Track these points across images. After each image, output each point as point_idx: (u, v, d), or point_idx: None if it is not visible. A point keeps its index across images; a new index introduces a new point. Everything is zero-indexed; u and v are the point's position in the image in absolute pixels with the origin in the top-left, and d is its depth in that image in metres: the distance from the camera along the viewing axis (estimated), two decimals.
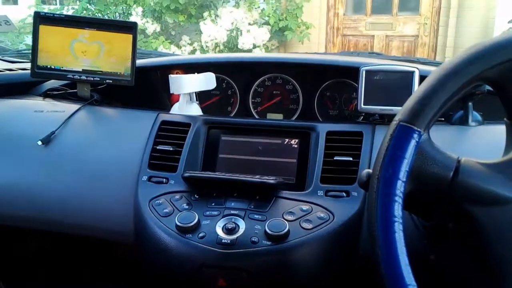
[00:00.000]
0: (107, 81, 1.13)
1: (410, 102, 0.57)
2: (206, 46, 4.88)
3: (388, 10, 5.40)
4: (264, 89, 1.29)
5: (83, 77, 1.13)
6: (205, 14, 4.89)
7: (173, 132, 0.98)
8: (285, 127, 1.01)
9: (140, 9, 4.94)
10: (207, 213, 0.83)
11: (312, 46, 5.35)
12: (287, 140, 0.97)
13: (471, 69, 0.55)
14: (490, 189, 0.56)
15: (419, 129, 0.55)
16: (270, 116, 1.28)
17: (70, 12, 5.15)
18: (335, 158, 0.90)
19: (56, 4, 6.32)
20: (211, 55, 1.94)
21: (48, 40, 1.13)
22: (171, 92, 1.08)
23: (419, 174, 0.57)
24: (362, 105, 1.00)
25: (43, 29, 1.12)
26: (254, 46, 4.88)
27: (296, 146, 0.96)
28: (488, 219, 0.55)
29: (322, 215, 0.82)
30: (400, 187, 0.54)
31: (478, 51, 0.55)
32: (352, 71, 1.06)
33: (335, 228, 0.81)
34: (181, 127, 0.99)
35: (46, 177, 0.95)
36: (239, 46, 4.85)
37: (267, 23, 5.06)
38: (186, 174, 0.89)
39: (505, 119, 0.63)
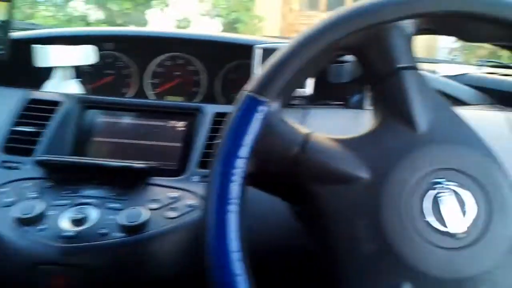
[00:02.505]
0: None
1: (261, 71, 0.51)
2: None
3: (342, 6, 5.40)
4: (164, 69, 1.18)
5: None
6: (154, 2, 4.73)
7: (37, 111, 0.86)
8: (170, 107, 0.91)
9: None
10: (56, 202, 0.73)
11: None
12: (172, 122, 0.89)
13: (328, 36, 0.50)
14: (336, 167, 0.49)
15: (266, 100, 0.49)
16: (169, 99, 1.18)
17: None
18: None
19: None
20: (102, 28, 1.80)
21: None
22: (34, 65, 0.95)
23: (263, 150, 0.51)
24: None
25: None
26: None
27: (183, 128, 0.88)
28: (331, 198, 0.49)
29: (191, 202, 0.74)
30: (239, 164, 0.48)
31: (335, 18, 0.51)
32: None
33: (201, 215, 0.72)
34: (47, 105, 0.87)
35: None
36: None
37: (220, 15, 4.96)
38: (39, 158, 0.78)
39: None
